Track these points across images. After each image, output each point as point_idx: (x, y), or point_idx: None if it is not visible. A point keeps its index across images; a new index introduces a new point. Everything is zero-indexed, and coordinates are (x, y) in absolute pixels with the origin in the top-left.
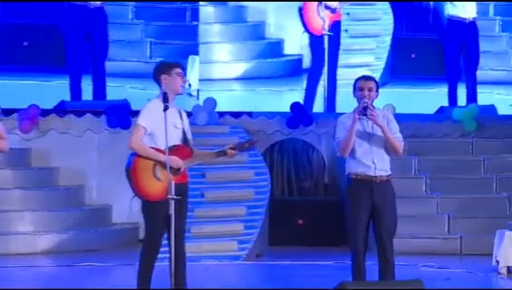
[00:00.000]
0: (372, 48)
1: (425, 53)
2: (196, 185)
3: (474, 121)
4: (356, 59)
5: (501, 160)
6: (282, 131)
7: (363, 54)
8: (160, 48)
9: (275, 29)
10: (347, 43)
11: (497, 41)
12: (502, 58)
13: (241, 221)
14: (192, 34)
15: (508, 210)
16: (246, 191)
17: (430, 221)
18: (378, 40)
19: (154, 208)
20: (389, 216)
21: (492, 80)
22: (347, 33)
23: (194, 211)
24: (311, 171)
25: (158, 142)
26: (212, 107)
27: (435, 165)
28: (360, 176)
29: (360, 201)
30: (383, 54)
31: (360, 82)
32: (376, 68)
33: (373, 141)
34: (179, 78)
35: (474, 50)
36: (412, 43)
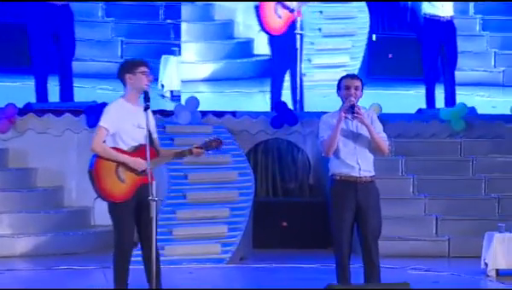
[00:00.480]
0: (347, 47)
1: (402, 53)
2: (178, 186)
3: (463, 121)
4: (330, 59)
5: (490, 161)
6: (267, 131)
7: (337, 54)
8: (132, 47)
9: (244, 28)
10: (321, 42)
11: (477, 40)
12: (482, 58)
13: (225, 223)
14: (165, 33)
15: (497, 211)
16: (229, 192)
17: (417, 222)
18: (353, 39)
19: (120, 210)
20: (374, 217)
21: (473, 81)
22: (321, 32)
23: (176, 213)
24: (296, 171)
25: (121, 142)
26: (194, 107)
27: (423, 166)
28: (344, 176)
29: (344, 202)
30: (359, 54)
31: (346, 80)
32: (352, 69)
33: (357, 141)
34: (144, 77)
35: (451, 50)
36: (389, 43)
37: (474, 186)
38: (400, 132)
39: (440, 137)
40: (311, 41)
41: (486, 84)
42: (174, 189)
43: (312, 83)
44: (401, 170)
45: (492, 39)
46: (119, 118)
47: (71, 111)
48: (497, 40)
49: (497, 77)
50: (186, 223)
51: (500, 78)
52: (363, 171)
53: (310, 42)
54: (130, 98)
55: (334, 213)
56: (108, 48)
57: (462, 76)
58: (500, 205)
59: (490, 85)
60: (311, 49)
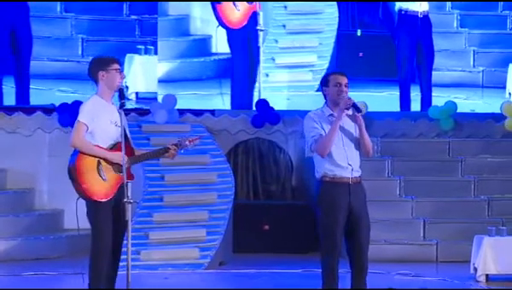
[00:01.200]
0: (314, 46)
1: (374, 51)
2: (155, 188)
3: (452, 119)
4: (295, 58)
5: (480, 161)
6: (247, 131)
7: (303, 52)
8: (94, 45)
9: (201, 24)
10: (285, 40)
11: (455, 38)
12: (460, 57)
13: (203, 226)
14: (130, 30)
15: (487, 214)
16: (208, 194)
17: (404, 226)
18: (321, 37)
19: (100, 210)
20: (366, 219)
21: (449, 82)
22: (285, 29)
23: (152, 217)
24: (278, 173)
25: (97, 140)
26: (172, 105)
27: (410, 167)
28: (337, 178)
29: (337, 205)
30: (327, 52)
31: (336, 77)
32: (319, 69)
33: (346, 140)
34: (117, 75)
35: (428, 47)
36: (359, 41)
37: (463, 188)
38: (386, 131)
39: (428, 137)
40: (275, 38)
41: (464, 85)
42: (150, 191)
43: (276, 84)
44: (387, 171)
45: (471, 37)
46: (97, 116)
47: (42, 109)
48: (477, 38)
49: (476, 77)
50: (163, 226)
51: (479, 79)
52: (355, 171)
53: (273, 39)
54: (104, 96)
55: (327, 216)
56: (68, 46)
57: (439, 76)
58: (490, 207)
59: (468, 86)
60: (275, 47)
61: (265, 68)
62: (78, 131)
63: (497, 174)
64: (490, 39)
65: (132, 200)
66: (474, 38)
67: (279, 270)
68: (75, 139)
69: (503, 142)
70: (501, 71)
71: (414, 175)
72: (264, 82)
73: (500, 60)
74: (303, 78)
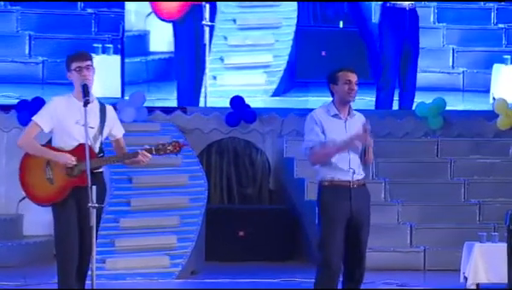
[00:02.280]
0: (270, 43)
1: (339, 50)
2: (121, 191)
3: (441, 118)
4: (248, 58)
5: (470, 162)
6: (221, 129)
7: (257, 51)
8: (43, 43)
9: (136, 19)
10: (236, 37)
11: (431, 34)
12: (438, 56)
13: (174, 233)
14: (86, 26)
15: (477, 219)
16: (179, 198)
17: (390, 232)
18: (277, 33)
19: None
20: (368, 226)
21: (426, 85)
22: (236, 24)
23: (119, 222)
24: (254, 174)
25: (58, 141)
26: (140, 102)
27: (395, 169)
28: (336, 182)
29: (337, 211)
30: (284, 51)
31: (346, 73)
32: (275, 70)
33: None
34: (77, 74)
35: (415, 45)
36: (323, 38)
37: (453, 191)
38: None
39: (415, 136)
40: (224, 35)
41: (442, 89)
42: (117, 195)
43: (225, 88)
44: (371, 173)
45: (450, 33)
46: (60, 115)
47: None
48: (456, 34)
49: (455, 80)
50: (130, 232)
51: (459, 82)
52: (357, 174)
53: (222, 36)
54: (77, 95)
55: (326, 223)
56: (13, 44)
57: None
58: (481, 211)
59: (447, 90)
60: (224, 45)
61: (213, 70)
62: (26, 131)
63: (488, 176)
64: (471, 36)
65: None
66: (453, 35)
67: (255, 280)
68: (21, 138)
69: (495, 141)
70: (484, 72)
71: (400, 177)
72: (211, 85)
73: (483, 61)
74: (256, 81)
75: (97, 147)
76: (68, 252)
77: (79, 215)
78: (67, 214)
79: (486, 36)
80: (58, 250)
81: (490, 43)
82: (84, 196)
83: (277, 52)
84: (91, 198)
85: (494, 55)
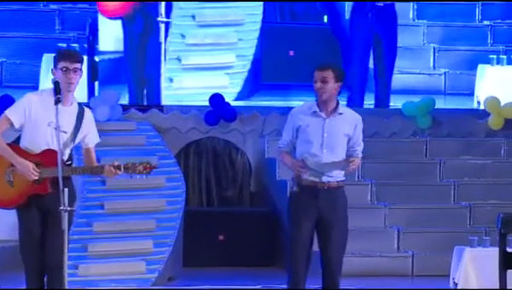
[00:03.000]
0: (232, 42)
1: (309, 50)
2: (95, 194)
3: (429, 116)
4: (208, 58)
5: (460, 163)
6: (200, 129)
7: (218, 50)
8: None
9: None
10: (195, 34)
11: (410, 32)
12: (417, 55)
13: (150, 237)
14: (49, 23)
15: (468, 222)
16: (155, 201)
17: (376, 236)
18: (241, 31)
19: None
20: (338, 230)
21: (404, 87)
22: (194, 21)
23: (92, 226)
24: (235, 176)
25: (26, 141)
26: (114, 100)
27: (382, 170)
28: (305, 181)
29: (302, 212)
30: (248, 50)
31: (316, 72)
32: (238, 72)
33: (328, 142)
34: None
35: (390, 44)
36: (291, 36)
37: (442, 193)
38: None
39: (403, 136)
40: (182, 32)
41: (422, 92)
42: (90, 197)
43: (182, 91)
44: (357, 174)
45: (431, 31)
46: (34, 113)
47: None
48: (437, 32)
49: (437, 81)
50: (104, 237)
51: (441, 83)
52: (326, 175)
53: (179, 33)
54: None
55: (291, 225)
56: None
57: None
58: (472, 215)
59: (427, 93)
60: (181, 44)
61: (169, 71)
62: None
63: (479, 177)
64: (454, 34)
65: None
66: (433, 33)
67: (236, 286)
68: None
69: (486, 141)
70: (468, 74)
71: (387, 179)
72: (167, 88)
73: (467, 61)
74: (217, 84)
75: (67, 153)
76: (30, 258)
77: (45, 220)
78: (30, 219)
79: (470, 34)
80: (21, 256)
81: (474, 41)
82: (49, 202)
83: (241, 52)
84: (63, 201)
85: (479, 54)
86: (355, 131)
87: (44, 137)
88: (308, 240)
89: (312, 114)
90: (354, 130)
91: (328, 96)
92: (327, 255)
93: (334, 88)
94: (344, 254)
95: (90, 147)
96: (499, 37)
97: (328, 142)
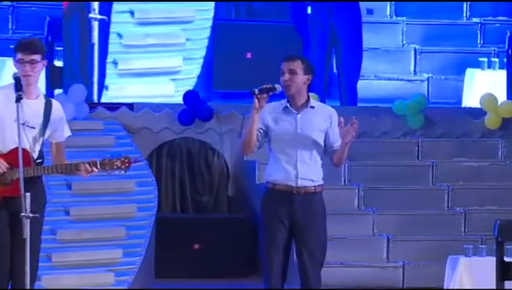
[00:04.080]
0: (179, 42)
1: (270, 51)
2: (59, 199)
3: (421, 115)
4: (150, 62)
5: (454, 166)
6: (173, 128)
7: (162, 53)
8: None
9: None
10: (134, 34)
11: (387, 31)
12: (395, 58)
13: (119, 246)
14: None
15: (463, 230)
16: (125, 207)
17: (364, 244)
18: (189, 29)
19: None
20: (315, 237)
21: (381, 95)
22: (133, 18)
23: (56, 234)
24: (211, 180)
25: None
26: (80, 97)
27: (370, 173)
28: (279, 185)
29: (276, 218)
30: (198, 53)
31: (282, 63)
32: (186, 78)
33: (302, 138)
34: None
35: (354, 45)
36: (248, 35)
37: (435, 198)
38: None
39: (393, 136)
40: (119, 31)
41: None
42: (54, 203)
43: (119, 100)
44: (344, 177)
45: (411, 30)
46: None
47: None
48: (419, 31)
49: (418, 88)
50: (69, 246)
51: (423, 91)
52: (302, 179)
53: (116, 33)
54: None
55: (265, 232)
56: None
57: (365, 86)
58: (467, 221)
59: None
60: (118, 45)
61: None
62: None
63: (475, 181)
64: (438, 33)
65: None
66: (414, 32)
67: None
68: None
69: (482, 142)
70: (454, 79)
71: (375, 182)
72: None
73: (453, 64)
74: (161, 92)
75: (37, 151)
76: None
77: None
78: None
79: (457, 33)
80: None
81: (461, 41)
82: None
83: (189, 54)
84: (24, 206)
85: (467, 57)
86: (331, 126)
87: (12, 135)
88: (283, 249)
89: (283, 111)
90: (330, 125)
91: (297, 90)
92: (304, 266)
93: (303, 81)
94: (323, 265)
95: (60, 143)
96: (490, 36)
97: (303, 138)
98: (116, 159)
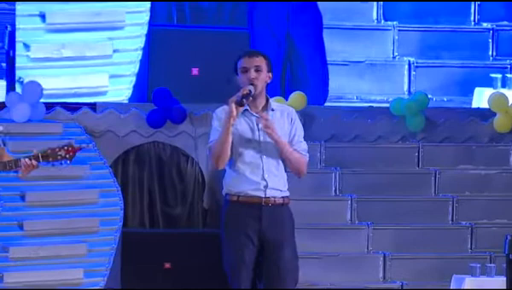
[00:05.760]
0: (104, 55)
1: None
2: (12, 212)
3: (422, 117)
4: (65, 81)
5: (459, 174)
6: (141, 132)
7: (82, 68)
8: None
9: None
10: (45, 44)
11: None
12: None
13: (80, 265)
14: None
15: (469, 246)
16: (87, 220)
17: (357, 263)
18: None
19: None
20: (287, 254)
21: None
22: (44, 23)
23: (8, 252)
24: (184, 190)
25: None
26: (36, 96)
27: (365, 182)
28: (244, 197)
29: (242, 234)
30: (128, 68)
31: (243, 60)
32: (117, 100)
33: (266, 146)
34: None
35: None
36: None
37: (438, 210)
38: (333, 133)
39: (390, 141)
40: (25, 41)
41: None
42: (6, 217)
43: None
44: (334, 187)
45: (405, 38)
46: None
47: None
48: (414, 39)
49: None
50: (23, 265)
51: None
52: (271, 188)
53: (22, 42)
54: None
55: (229, 249)
56: None
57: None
58: (474, 237)
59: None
60: (25, 59)
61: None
62: None
63: (483, 191)
64: (438, 42)
65: None
66: (409, 41)
67: None
68: None
69: (490, 147)
70: (459, 100)
71: (370, 193)
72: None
73: (457, 82)
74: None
75: None
76: None
77: None
78: None
79: (462, 42)
80: None
81: (468, 53)
82: None
83: (117, 70)
84: None
85: (475, 72)
86: (293, 127)
87: None
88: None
89: (242, 114)
90: (292, 126)
91: (260, 89)
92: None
93: (266, 79)
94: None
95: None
96: (505, 46)
97: (266, 145)
98: (59, 148)
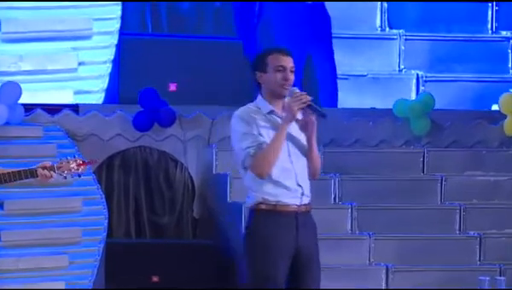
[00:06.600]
0: (69, 68)
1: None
2: None
3: (427, 119)
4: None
5: (467, 181)
6: (127, 136)
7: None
8: None
9: None
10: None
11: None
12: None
13: (62, 278)
14: None
15: (478, 258)
16: (69, 230)
17: (358, 275)
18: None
19: None
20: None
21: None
22: (0, 33)
23: None
24: (173, 198)
25: None
26: (14, 98)
27: (366, 189)
28: (280, 205)
29: (280, 245)
30: (96, 84)
31: (277, 57)
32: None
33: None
34: None
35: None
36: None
37: (444, 219)
38: (333, 137)
39: (393, 145)
40: None
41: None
42: None
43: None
44: (334, 194)
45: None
46: None
47: None
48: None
49: None
50: (1, 278)
51: None
52: (306, 196)
53: None
54: None
55: (262, 262)
56: None
57: None
58: (482, 247)
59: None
60: None
61: None
62: None
63: (492, 199)
64: (451, 53)
65: None
66: (416, 51)
67: None
68: None
69: (500, 152)
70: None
71: (372, 201)
72: None
73: (472, 98)
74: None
75: None
76: None
77: None
78: None
79: (478, 53)
80: None
81: (485, 65)
82: None
83: (83, 85)
84: None
85: (493, 87)
86: None
87: None
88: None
89: (269, 115)
90: None
91: None
92: None
93: None
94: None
95: None
96: None
97: (293, 148)
98: (72, 160)
